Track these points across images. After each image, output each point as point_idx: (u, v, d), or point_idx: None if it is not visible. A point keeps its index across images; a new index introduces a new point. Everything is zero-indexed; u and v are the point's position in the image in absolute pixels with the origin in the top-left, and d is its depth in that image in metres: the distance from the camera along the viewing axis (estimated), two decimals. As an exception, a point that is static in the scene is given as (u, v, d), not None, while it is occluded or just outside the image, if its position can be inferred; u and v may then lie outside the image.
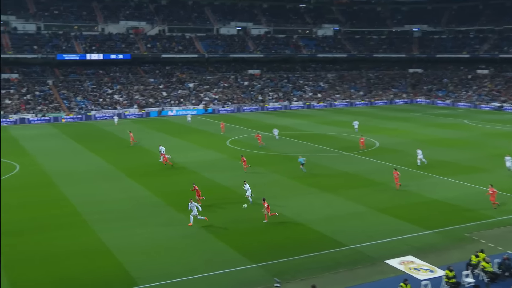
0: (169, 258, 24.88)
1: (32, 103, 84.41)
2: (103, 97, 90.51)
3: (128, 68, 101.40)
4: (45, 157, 49.91)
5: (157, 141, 58.87)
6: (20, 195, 36.02)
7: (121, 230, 28.56)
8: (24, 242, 26.79)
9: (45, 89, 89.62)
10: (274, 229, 28.82)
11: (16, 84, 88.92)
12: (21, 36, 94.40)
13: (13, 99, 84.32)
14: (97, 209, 32.43)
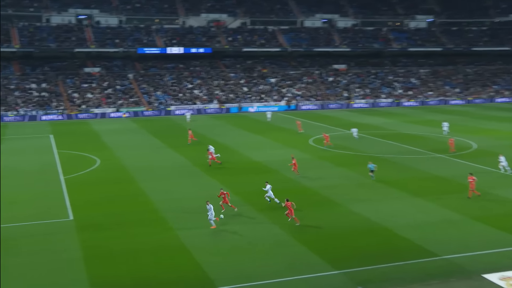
0: (248, 259, 25.23)
1: (113, 97, 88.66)
2: (182, 91, 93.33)
3: (209, 62, 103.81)
4: (125, 152, 52.25)
5: (236, 138, 59.92)
6: (100, 189, 37.99)
7: (199, 229, 29.32)
8: (104, 237, 28.21)
9: (126, 83, 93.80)
10: (358, 234, 28.42)
11: (97, 78, 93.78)
12: (103, 30, 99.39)
13: (94, 93, 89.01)
14: (175, 206, 33.50)
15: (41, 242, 27.32)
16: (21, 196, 36.12)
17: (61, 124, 75.45)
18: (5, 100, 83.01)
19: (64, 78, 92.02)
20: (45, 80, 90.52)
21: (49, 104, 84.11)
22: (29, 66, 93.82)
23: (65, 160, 48.26)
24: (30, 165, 46.52)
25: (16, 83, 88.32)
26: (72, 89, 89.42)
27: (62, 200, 35.02)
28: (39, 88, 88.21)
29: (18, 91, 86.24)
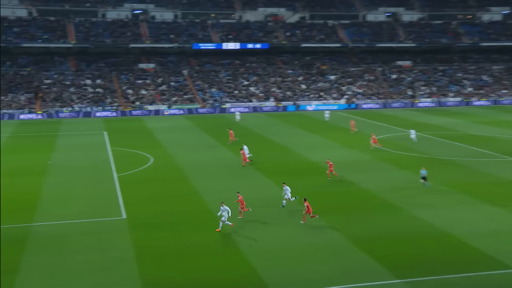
0: (303, 264, 25.14)
1: (167, 94, 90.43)
2: (238, 88, 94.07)
3: (266, 58, 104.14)
4: (178, 150, 53.17)
5: (293, 138, 59.83)
6: (153, 188, 38.83)
7: (253, 231, 29.46)
8: (156, 237, 28.79)
9: (180, 80, 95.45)
10: (421, 241, 27.78)
11: (152, 74, 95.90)
12: (158, 25, 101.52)
13: (148, 90, 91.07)
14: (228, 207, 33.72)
15: (93, 240, 28.18)
16: (74, 193, 37.38)
17: (114, 121, 77.61)
18: (60, 96, 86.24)
19: (118, 74, 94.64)
20: (100, 76, 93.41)
21: (103, 100, 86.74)
22: (84, 62, 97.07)
23: (118, 158, 49.61)
24: (84, 162, 48.08)
25: (72, 79, 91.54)
26: (126, 86, 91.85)
27: (115, 198, 36.02)
28: (94, 84, 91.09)
29: (73, 87, 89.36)
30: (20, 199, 35.89)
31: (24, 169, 45.24)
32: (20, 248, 26.78)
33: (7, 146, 56.73)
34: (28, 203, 34.70)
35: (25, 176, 42.55)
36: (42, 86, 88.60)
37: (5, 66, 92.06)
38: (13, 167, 45.83)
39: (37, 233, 29.19)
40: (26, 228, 29.89)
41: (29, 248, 26.91)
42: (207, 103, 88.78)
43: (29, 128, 70.70)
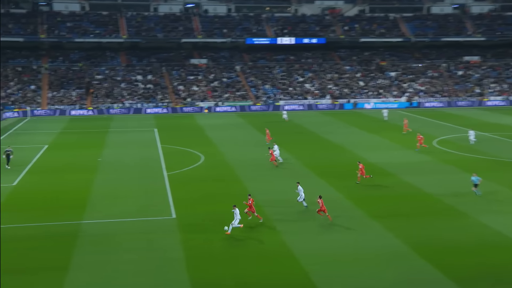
0: (358, 270, 24.89)
1: (219, 90, 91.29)
2: (293, 85, 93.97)
3: (322, 53, 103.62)
4: (230, 148, 53.60)
5: (350, 137, 59.31)
6: (204, 187, 39.29)
7: (306, 234, 29.41)
8: (207, 238, 29.08)
9: (233, 76, 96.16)
10: (490, 250, 26.98)
11: (204, 70, 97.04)
12: (211, 19, 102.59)
13: (200, 86, 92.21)
14: (281, 209, 33.85)
15: (142, 240, 28.79)
16: (124, 191, 38.28)
17: (165, 118, 78.97)
18: (111, 92, 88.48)
19: (169, 70, 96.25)
20: (151, 71, 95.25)
21: (154, 96, 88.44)
22: (135, 57, 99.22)
23: (168, 156, 50.47)
24: (133, 159, 49.16)
25: (123, 75, 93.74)
26: (177, 81, 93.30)
27: (165, 197, 36.66)
28: (145, 80, 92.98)
29: (124, 83, 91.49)
30: (71, 196, 37.05)
31: (75, 165, 46.66)
32: (70, 246, 27.66)
33: (58, 142, 58.67)
34: (78, 201, 35.77)
35: (75, 172, 43.87)
36: (93, 82, 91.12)
37: (58, 61, 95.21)
38: (64, 164, 47.39)
39: (86, 231, 30.06)
40: (76, 225, 30.83)
41: (79, 246, 27.75)
42: (260, 100, 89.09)
43: (79, 124, 72.87)
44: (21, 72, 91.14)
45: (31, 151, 52.50)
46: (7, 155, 45.22)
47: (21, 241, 28.42)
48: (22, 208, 34.47)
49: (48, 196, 37.26)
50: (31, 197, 36.96)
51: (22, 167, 45.42)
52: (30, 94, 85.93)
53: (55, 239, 28.73)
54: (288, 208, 34.01)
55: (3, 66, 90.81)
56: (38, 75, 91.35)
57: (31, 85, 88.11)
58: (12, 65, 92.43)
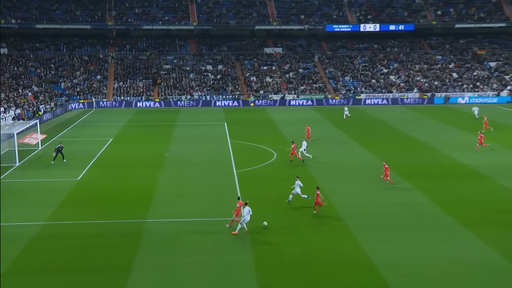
0: (448, 284, 24.24)
1: (294, 82, 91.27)
2: (376, 77, 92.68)
3: (410, 42, 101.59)
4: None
5: (439, 135, 57.96)
6: (275, 187, 39.38)
7: (388, 242, 28.93)
8: (277, 242, 29.14)
9: (310, 66, 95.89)
10: None
11: (278, 60, 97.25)
12: (288, 3, 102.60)
13: (274, 77, 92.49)
14: (360, 213, 33.50)
15: (209, 241, 29.19)
16: (190, 189, 38.95)
17: (235, 111, 79.78)
18: (179, 82, 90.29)
19: (242, 60, 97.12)
20: (222, 61, 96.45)
21: (224, 88, 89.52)
22: (206, 46, 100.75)
23: (238, 152, 50.97)
24: (201, 155, 49.94)
25: (192, 65, 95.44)
26: (250, 72, 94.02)
27: (233, 196, 36.96)
28: (215, 70, 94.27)
29: (193, 73, 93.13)
30: (135, 192, 38.11)
31: (140, 160, 47.94)
32: (134, 245, 28.44)
33: (123, 135, 60.48)
34: (142, 198, 36.75)
35: (140, 168, 45.05)
36: (161, 72, 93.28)
37: (125, 50, 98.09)
38: (128, 158, 48.80)
39: (150, 230, 30.81)
40: (140, 224, 31.67)
41: (142, 246, 28.48)
42: (339, 93, 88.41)
43: (146, 117, 74.81)
44: (87, 61, 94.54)
45: (95, 145, 54.40)
46: (59, 150, 46.77)
47: (83, 239, 29.48)
48: (85, 203, 35.76)
49: (112, 192, 38.51)
50: (95, 192, 38.29)
51: (86, 161, 47.17)
52: (96, 84, 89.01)
53: (118, 238, 29.64)
54: (367, 213, 33.60)
55: (70, 55, 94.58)
56: (105, 65, 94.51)
57: (97, 75, 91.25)
58: (79, 53, 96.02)
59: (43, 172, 44.19)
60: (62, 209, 34.45)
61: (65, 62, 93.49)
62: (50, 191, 38.43)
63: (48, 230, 30.72)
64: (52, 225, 31.55)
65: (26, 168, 45.47)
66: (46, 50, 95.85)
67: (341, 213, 33.32)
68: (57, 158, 46.80)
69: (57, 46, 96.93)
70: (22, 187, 39.75)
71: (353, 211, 33.81)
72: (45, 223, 31.79)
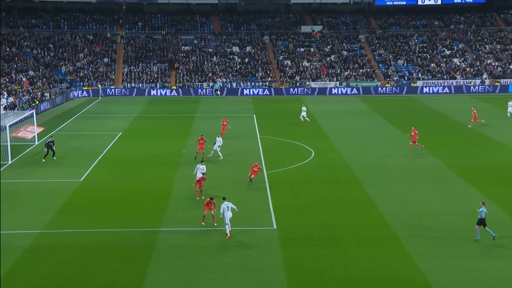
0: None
1: (337, 66, 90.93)
2: (436, 60, 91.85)
3: (480, 16, 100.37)
4: (348, 142, 53.43)
5: None
6: (313, 191, 39.25)
7: (449, 259, 28.64)
8: (314, 256, 29.06)
9: (356, 48, 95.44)
10: None
11: (318, 40, 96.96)
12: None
13: (312, 61, 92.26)
14: (414, 223, 33.21)
15: (234, 255, 29.19)
16: (217, 193, 38.87)
17: (266, 101, 79.84)
18: (200, 67, 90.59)
19: (274, 40, 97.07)
20: (250, 42, 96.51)
21: (253, 74, 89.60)
22: (232, 24, 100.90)
23: (269, 149, 51.03)
24: (226, 153, 49.95)
25: (215, 46, 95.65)
26: (283, 55, 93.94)
27: (264, 202, 37.02)
28: (242, 52, 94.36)
29: (217, 56, 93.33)
30: (147, 196, 38.29)
31: (153, 158, 48.21)
32: (145, 258, 28.56)
33: (134, 129, 60.94)
34: (156, 202, 36.99)
35: (154, 167, 45.26)
36: (179, 54, 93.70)
37: (136, 28, 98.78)
38: (140, 156, 49.15)
39: (165, 240, 30.97)
40: (153, 233, 31.85)
41: (155, 259, 28.61)
42: (390, 80, 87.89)
43: (161, 107, 75.32)
44: (92, 41, 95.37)
45: (101, 140, 54.97)
46: (49, 146, 47.17)
47: (86, 251, 29.71)
48: (89, 209, 36.10)
49: (120, 195, 38.78)
50: (100, 196, 38.62)
51: (91, 159, 47.62)
52: (103, 68, 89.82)
53: (126, 249, 29.84)
54: (423, 223, 33.34)
55: (72, 33, 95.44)
56: (113, 45, 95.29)
57: (104, 58, 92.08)
58: (82, 32, 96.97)
59: (40, 171, 44.75)
60: (61, 215, 34.81)
61: (66, 42, 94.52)
62: (47, 194, 38.90)
63: (44, 240, 31.05)
64: (49, 234, 31.91)
65: (20, 167, 46.11)
66: (44, 27, 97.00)
67: (391, 223, 33.12)
68: (48, 155, 47.13)
69: (57, 23, 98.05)
70: (15, 188, 40.21)
71: (406, 221, 33.55)
72: (42, 232, 32.14)
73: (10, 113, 57.17)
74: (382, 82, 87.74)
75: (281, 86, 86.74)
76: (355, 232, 32.25)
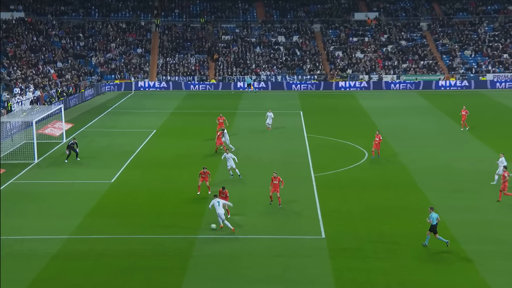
0: None
1: (394, 58, 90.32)
2: (508, 51, 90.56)
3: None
4: (406, 142, 53.16)
5: None
6: (366, 196, 39.03)
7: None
8: (368, 269, 28.96)
9: (416, 37, 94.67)
10: None
11: (373, 29, 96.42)
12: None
13: (367, 52, 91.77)
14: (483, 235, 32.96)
15: (278, 266, 29.15)
16: (254, 197, 38.99)
17: (315, 96, 79.81)
18: (242, 59, 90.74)
19: (324, 29, 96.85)
20: (298, 30, 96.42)
21: (301, 66, 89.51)
22: (277, 11, 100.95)
23: (318, 150, 51.01)
24: (269, 153, 50.16)
25: (259, 35, 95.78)
26: (334, 45, 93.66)
27: (311, 207, 36.98)
28: (289, 42, 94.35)
29: (261, 46, 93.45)
30: (184, 199, 38.58)
31: (190, 158, 48.47)
32: (181, 268, 28.73)
33: (169, 126, 61.39)
34: (193, 206, 37.32)
35: (190, 168, 45.15)
36: (219, 45, 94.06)
37: (173, 15, 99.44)
38: (176, 156, 49.56)
39: (203, 248, 31.13)
40: (190, 240, 32.06)
41: (191, 269, 28.75)
42: (455, 73, 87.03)
43: (198, 102, 75.85)
44: (125, 30, 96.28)
45: (134, 138, 55.55)
46: (71, 147, 47.60)
47: (117, 258, 30.05)
48: (120, 213, 36.54)
49: (154, 198, 39.10)
50: (132, 199, 39.00)
51: (122, 159, 48.17)
52: (136, 60, 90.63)
53: (160, 258, 30.06)
54: (492, 236, 32.94)
55: (104, 22, 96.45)
56: (147, 35, 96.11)
57: (137, 48, 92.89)
58: (114, 20, 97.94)
59: (68, 171, 45.38)
60: (90, 220, 35.30)
61: (97, 30, 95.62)
62: (76, 196, 39.48)
63: (72, 246, 31.48)
64: (78, 240, 32.36)
65: (47, 166, 46.86)
66: (74, 15, 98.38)
67: (455, 235, 32.80)
68: (71, 156, 47.58)
69: (87, 10, 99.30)
70: (42, 190, 40.87)
71: (472, 233, 33.25)
72: (70, 237, 32.59)
73: (36, 108, 57.80)
74: (446, 76, 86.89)
75: (331, 80, 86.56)
76: (413, 243, 31.97)
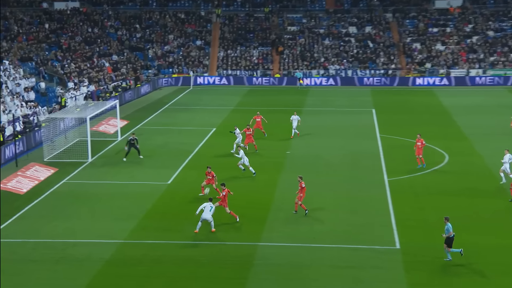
0: None
1: (480, 50, 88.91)
2: None
3: None
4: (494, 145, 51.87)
5: None
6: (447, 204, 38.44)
7: None
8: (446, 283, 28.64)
9: (506, 27, 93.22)
10: None
11: (457, 18, 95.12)
12: None
13: (449, 44, 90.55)
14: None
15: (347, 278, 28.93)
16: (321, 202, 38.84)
17: (388, 92, 79.32)
18: (309, 51, 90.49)
19: (400, 18, 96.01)
20: (371, 20, 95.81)
21: (373, 59, 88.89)
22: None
23: (392, 152, 50.69)
24: (337, 154, 50.06)
25: (328, 26, 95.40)
26: (412, 36, 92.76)
27: (384, 215, 36.66)
28: (361, 33, 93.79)
29: (330, 38, 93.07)
30: (244, 203, 38.56)
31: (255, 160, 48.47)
32: (242, 277, 28.79)
33: (230, 124, 61.41)
34: (255, 211, 37.35)
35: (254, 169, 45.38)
36: (284, 36, 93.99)
37: (235, 5, 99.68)
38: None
39: (265, 257, 31.14)
40: (251, 248, 32.11)
41: (252, 278, 28.79)
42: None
43: (261, 98, 76.05)
44: (184, 20, 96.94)
45: (192, 136, 56.04)
46: (131, 144, 48.08)
47: (173, 265, 30.25)
48: (177, 216, 36.77)
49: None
50: (190, 202, 39.07)
51: (180, 159, 48.61)
52: (195, 52, 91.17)
53: (219, 266, 30.13)
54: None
55: (161, 12, 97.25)
56: (207, 25, 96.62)
57: (196, 40, 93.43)
58: (173, 10, 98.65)
59: (123, 171, 45.97)
60: (146, 223, 35.67)
61: (155, 21, 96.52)
62: (131, 198, 39.98)
63: (127, 251, 31.84)
64: (132, 245, 32.71)
65: (101, 166, 47.49)
66: (130, 4, 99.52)
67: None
68: (130, 153, 48.15)
69: (145, 0, 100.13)
70: (96, 191, 41.51)
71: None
72: (124, 242, 32.96)
73: (91, 103, 58.44)
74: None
75: (407, 74, 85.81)
76: (500, 257, 31.41)
